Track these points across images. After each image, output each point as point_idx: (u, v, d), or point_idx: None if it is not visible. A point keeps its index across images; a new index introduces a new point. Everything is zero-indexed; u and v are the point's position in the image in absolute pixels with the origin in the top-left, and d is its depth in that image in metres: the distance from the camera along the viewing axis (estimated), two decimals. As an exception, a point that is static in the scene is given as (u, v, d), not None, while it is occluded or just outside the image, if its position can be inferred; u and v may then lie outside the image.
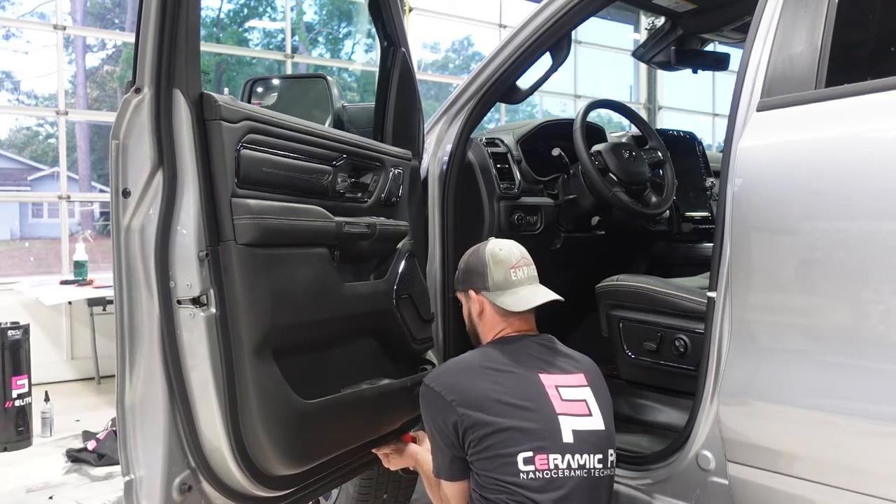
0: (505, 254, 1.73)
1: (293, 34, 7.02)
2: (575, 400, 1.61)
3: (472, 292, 1.75)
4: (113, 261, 1.41)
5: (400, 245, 1.94)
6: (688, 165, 3.10)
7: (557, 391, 1.60)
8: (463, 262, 1.81)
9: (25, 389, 3.82)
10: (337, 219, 1.66)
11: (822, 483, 1.40)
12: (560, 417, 1.56)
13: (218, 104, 1.41)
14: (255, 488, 1.54)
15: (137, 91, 1.37)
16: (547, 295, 1.71)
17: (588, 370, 1.69)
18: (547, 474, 1.52)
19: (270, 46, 9.04)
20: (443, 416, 1.58)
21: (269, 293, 1.48)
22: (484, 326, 1.75)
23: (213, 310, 1.41)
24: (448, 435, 1.59)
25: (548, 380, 1.61)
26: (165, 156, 1.38)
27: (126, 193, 1.39)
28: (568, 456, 1.54)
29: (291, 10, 6.90)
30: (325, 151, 1.67)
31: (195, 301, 1.41)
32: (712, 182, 3.12)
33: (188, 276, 1.40)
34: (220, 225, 1.42)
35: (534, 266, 1.76)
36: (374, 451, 1.97)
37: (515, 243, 1.78)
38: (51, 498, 3.10)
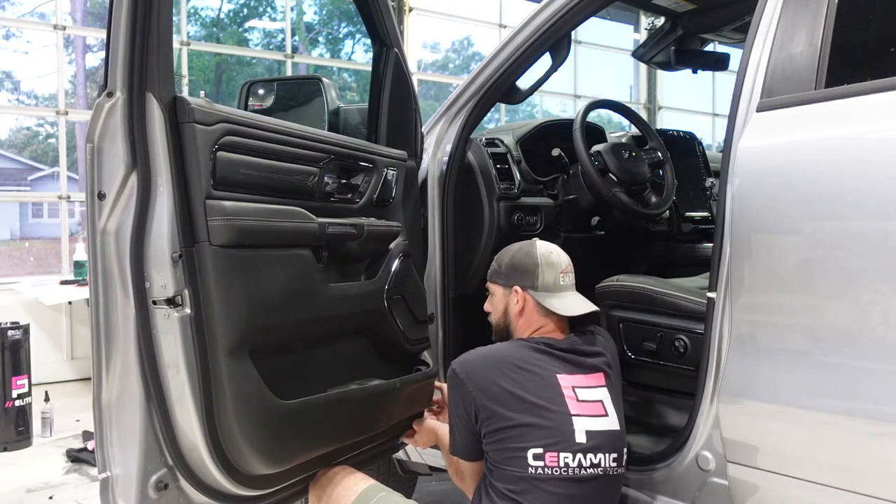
0: (556, 258, 1.80)
1: (293, 34, 7.02)
2: (591, 401, 1.67)
3: (517, 288, 1.79)
4: (88, 262, 1.43)
5: (392, 245, 1.93)
6: (688, 165, 3.10)
7: (574, 392, 1.66)
8: (507, 257, 1.84)
9: (25, 389, 3.82)
10: (320, 220, 1.66)
11: (822, 484, 1.40)
12: (574, 419, 1.62)
13: (191, 107, 1.42)
14: (234, 487, 1.55)
15: (110, 95, 1.38)
16: (589, 306, 1.80)
17: (608, 370, 1.75)
18: (556, 471, 1.58)
19: (270, 46, 9.04)
20: (464, 402, 1.67)
21: (244, 294, 1.49)
22: (521, 322, 1.80)
23: (188, 310, 1.43)
24: (467, 420, 1.67)
25: (565, 381, 1.67)
26: (139, 158, 1.40)
27: (101, 196, 1.40)
28: (580, 455, 1.59)
29: (291, 10, 6.90)
30: (309, 153, 1.67)
31: (170, 302, 1.42)
32: (712, 182, 3.11)
33: (163, 277, 1.41)
34: (194, 226, 1.43)
35: (574, 275, 1.84)
36: (403, 439, 2.07)
37: (561, 249, 1.85)
38: (51, 498, 3.10)
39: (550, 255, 1.80)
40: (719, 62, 2.88)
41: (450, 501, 2.83)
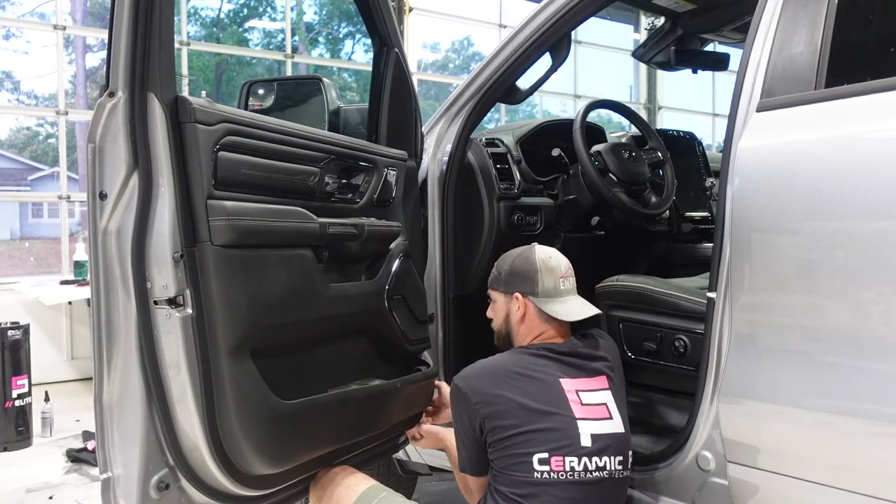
0: (555, 262, 1.80)
1: (293, 34, 7.02)
2: (595, 404, 1.67)
3: (517, 295, 1.79)
4: (89, 262, 1.43)
5: (393, 245, 1.93)
6: (688, 165, 3.10)
7: (578, 396, 1.66)
8: (507, 263, 1.84)
9: (25, 389, 3.82)
10: (321, 220, 1.66)
11: (822, 484, 1.40)
12: (579, 422, 1.62)
13: (192, 107, 1.42)
14: (236, 487, 1.55)
15: (111, 95, 1.38)
16: (591, 309, 1.79)
17: (610, 373, 1.75)
18: (562, 475, 1.57)
19: (270, 46, 9.04)
20: (468, 415, 1.66)
21: (246, 294, 1.49)
22: (522, 329, 1.80)
23: (190, 310, 1.43)
24: (472, 432, 1.66)
25: (569, 385, 1.67)
26: (140, 158, 1.40)
27: (103, 196, 1.41)
28: (585, 459, 1.59)
29: (291, 10, 6.90)
30: (310, 153, 1.67)
31: (171, 302, 1.42)
32: (712, 182, 3.11)
33: (164, 277, 1.42)
34: (196, 226, 1.43)
35: (574, 279, 1.83)
36: (406, 432, 2.05)
37: (560, 253, 1.84)
38: (51, 498, 3.10)
39: (549, 259, 1.79)
40: (719, 62, 2.88)
41: (450, 501, 2.83)
